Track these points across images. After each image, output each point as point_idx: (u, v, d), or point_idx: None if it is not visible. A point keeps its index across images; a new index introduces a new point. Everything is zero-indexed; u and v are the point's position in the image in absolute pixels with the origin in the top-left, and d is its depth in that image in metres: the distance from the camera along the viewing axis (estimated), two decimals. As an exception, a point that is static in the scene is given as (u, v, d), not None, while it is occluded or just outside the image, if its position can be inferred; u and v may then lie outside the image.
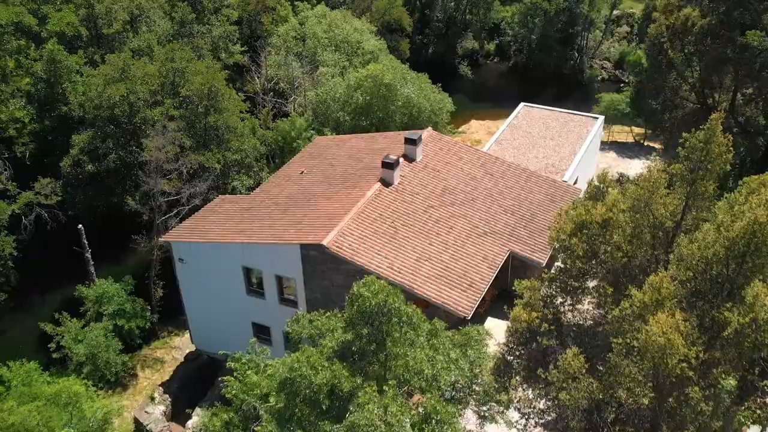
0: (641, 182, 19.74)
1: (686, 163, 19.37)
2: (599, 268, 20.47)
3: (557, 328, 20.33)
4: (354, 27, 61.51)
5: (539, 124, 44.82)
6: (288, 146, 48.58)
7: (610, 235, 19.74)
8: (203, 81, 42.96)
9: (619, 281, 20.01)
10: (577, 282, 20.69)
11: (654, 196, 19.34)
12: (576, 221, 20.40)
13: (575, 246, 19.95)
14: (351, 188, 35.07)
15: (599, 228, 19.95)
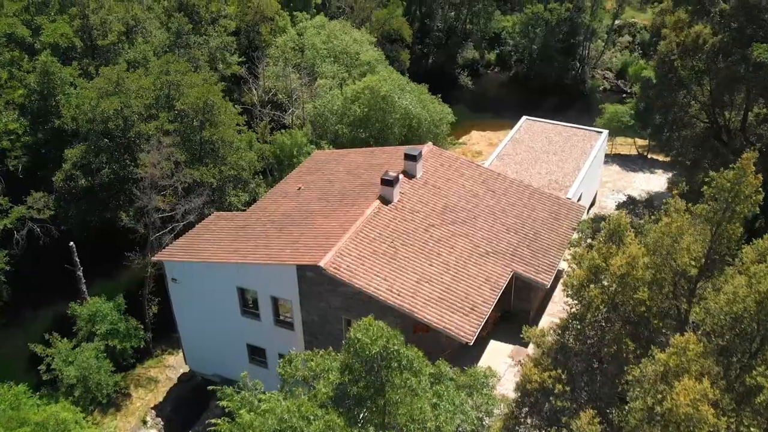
0: (664, 228, 18.23)
1: (712, 204, 18.09)
2: (616, 317, 18.96)
3: (571, 387, 18.78)
4: (353, 38, 60.74)
5: (542, 138, 43.91)
6: (287, 160, 47.64)
7: (631, 289, 18.22)
8: (199, 94, 42.06)
9: (638, 331, 18.61)
10: (592, 331, 19.20)
11: (677, 244, 17.89)
12: (592, 268, 19.00)
13: (592, 296, 18.52)
14: (349, 206, 34.12)
15: (618, 280, 18.54)
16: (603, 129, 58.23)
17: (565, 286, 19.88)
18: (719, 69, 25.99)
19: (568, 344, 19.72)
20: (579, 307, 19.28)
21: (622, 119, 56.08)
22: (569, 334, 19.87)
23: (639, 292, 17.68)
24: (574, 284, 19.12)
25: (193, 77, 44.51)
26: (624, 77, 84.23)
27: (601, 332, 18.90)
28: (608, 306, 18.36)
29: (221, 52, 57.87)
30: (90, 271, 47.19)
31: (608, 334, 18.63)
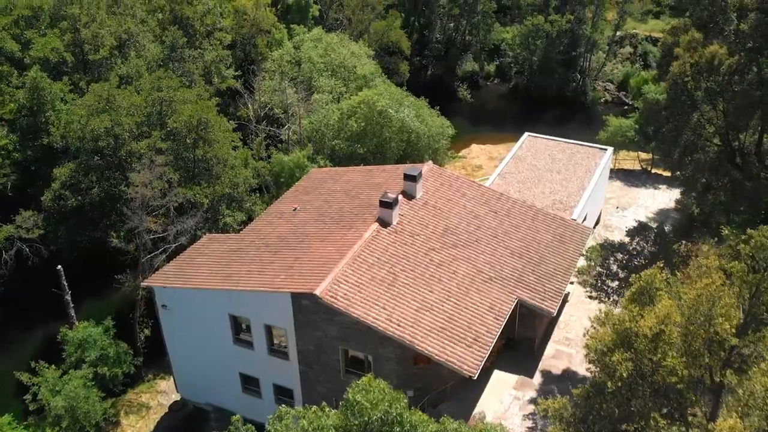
0: (700, 289, 16.54)
1: (750, 263, 16.55)
2: (645, 387, 17.27)
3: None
4: (351, 51, 59.63)
5: (545, 155, 42.71)
6: (286, 179, 46.36)
7: (662, 354, 16.60)
8: (192, 111, 40.85)
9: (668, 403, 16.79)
10: (618, 409, 17.41)
11: (715, 307, 16.26)
12: (618, 331, 17.32)
13: (618, 365, 16.73)
14: (347, 228, 32.86)
15: (648, 343, 16.84)
16: (606, 143, 57.43)
17: (588, 349, 18.15)
18: (735, 91, 24.80)
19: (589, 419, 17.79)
20: (601, 375, 17.51)
21: (627, 134, 54.94)
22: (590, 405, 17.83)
23: (671, 358, 16.11)
24: (598, 348, 17.31)
25: (186, 93, 43.33)
26: (625, 89, 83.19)
27: (627, 405, 17.06)
28: (635, 374, 16.69)
29: (216, 66, 56.76)
30: (81, 290, 45.87)
31: (635, 406, 16.96)
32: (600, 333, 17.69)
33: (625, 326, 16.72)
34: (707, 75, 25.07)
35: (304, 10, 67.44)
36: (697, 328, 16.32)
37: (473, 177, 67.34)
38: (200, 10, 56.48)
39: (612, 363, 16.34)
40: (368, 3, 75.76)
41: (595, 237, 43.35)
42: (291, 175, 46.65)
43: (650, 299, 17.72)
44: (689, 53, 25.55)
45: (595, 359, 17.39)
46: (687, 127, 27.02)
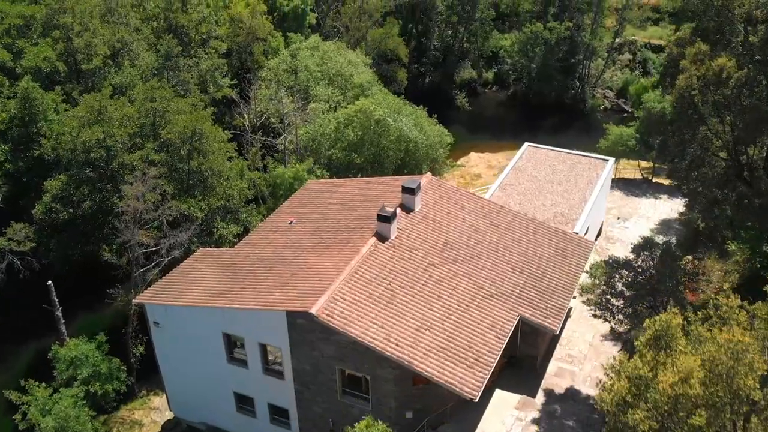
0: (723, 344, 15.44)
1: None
2: None
3: None
4: (348, 60, 58.92)
5: (545, 166, 41.96)
6: (285, 192, 45.57)
7: (685, 414, 15.48)
8: (186, 122, 40.07)
9: None
10: None
11: (738, 363, 15.47)
12: (633, 379, 16.15)
13: (639, 424, 15.47)
14: (344, 243, 32.06)
15: (669, 401, 15.78)
16: (607, 152, 56.77)
17: (601, 402, 17.10)
18: (743, 105, 24.07)
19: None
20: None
21: (628, 143, 54.26)
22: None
23: (696, 417, 15.12)
24: (613, 401, 16.32)
25: (180, 103, 42.55)
26: (625, 96, 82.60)
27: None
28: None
29: (212, 75, 56.02)
30: (74, 303, 45.11)
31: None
32: (616, 387, 16.58)
33: (641, 375, 15.70)
34: (715, 88, 24.33)
35: (301, 18, 66.79)
36: (719, 382, 15.28)
37: (472, 186, 66.68)
38: (195, 18, 55.81)
39: (633, 423, 15.19)
40: (366, 10, 75.17)
41: (597, 249, 42.61)
42: (289, 188, 45.88)
43: (667, 345, 16.74)
44: (696, 66, 24.81)
45: (610, 416, 16.27)
46: (693, 141, 26.27)
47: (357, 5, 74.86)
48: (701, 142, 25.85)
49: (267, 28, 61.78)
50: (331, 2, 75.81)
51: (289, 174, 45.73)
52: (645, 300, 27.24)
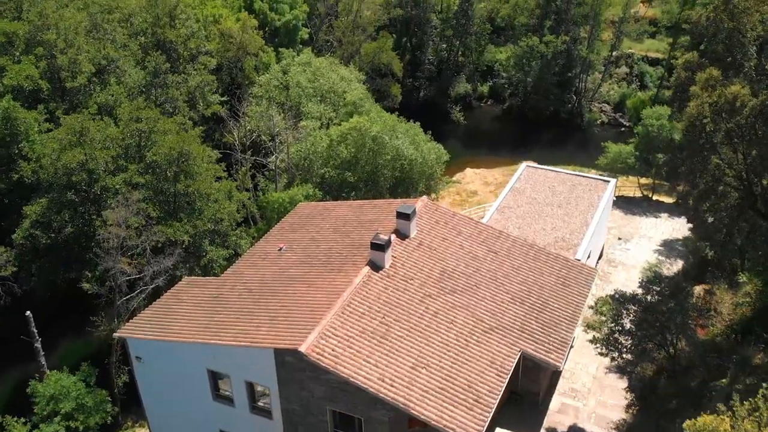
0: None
1: None
2: None
3: None
4: (341, 76, 57.59)
5: (545, 188, 40.58)
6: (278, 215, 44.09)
7: None
8: (172, 143, 38.57)
9: None
10: None
11: None
12: None
13: None
14: (335, 272, 30.52)
15: None
16: (605, 169, 55.56)
17: None
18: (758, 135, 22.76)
19: None
20: None
21: (627, 160, 52.99)
22: None
23: None
24: None
25: (167, 123, 41.06)
26: (622, 110, 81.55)
27: None
28: None
29: (201, 92, 54.59)
30: (56, 331, 43.58)
31: None
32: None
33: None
34: (728, 117, 23.01)
35: (293, 33, 65.55)
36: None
37: (468, 203, 65.33)
38: (184, 33, 54.43)
39: None
40: (359, 24, 74.04)
41: (599, 273, 41.19)
42: (283, 210, 44.39)
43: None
44: (707, 92, 23.48)
45: None
46: (705, 171, 24.91)
47: (350, 19, 73.75)
48: (713, 172, 24.52)
49: (258, 43, 60.52)
50: (323, 16, 74.62)
51: (284, 197, 44.19)
52: (654, 339, 25.83)
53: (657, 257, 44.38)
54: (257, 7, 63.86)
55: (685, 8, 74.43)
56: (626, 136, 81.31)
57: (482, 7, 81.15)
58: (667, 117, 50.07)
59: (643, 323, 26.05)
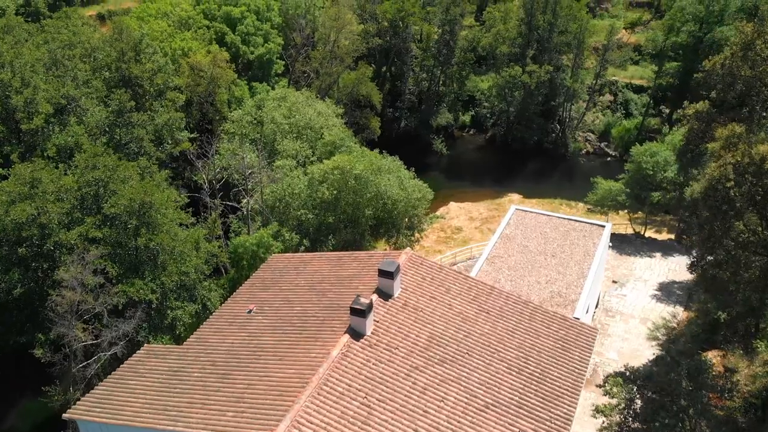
0: None
1: None
2: None
3: None
4: (317, 111, 54.82)
5: (536, 234, 37.89)
6: (249, 262, 41.01)
7: None
8: (133, 193, 35.41)
9: None
10: None
11: None
12: None
13: None
14: (311, 340, 27.42)
15: None
16: (595, 206, 53.15)
17: None
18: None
19: None
20: None
21: (618, 198, 50.64)
22: None
23: None
24: None
25: (128, 170, 37.94)
26: (608, 139, 79.67)
27: None
28: None
29: (169, 129, 51.51)
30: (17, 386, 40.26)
31: None
32: None
33: None
34: (754, 179, 20.57)
35: (267, 66, 62.85)
36: None
37: (453, 240, 62.62)
38: (150, 68, 51.44)
39: None
40: (337, 55, 71.52)
41: (596, 324, 38.51)
42: (253, 256, 41.32)
43: None
44: (731, 153, 21.03)
45: None
46: (726, 237, 22.40)
47: (328, 50, 71.21)
48: (736, 239, 22.02)
49: (230, 77, 57.69)
50: (300, 47, 72.03)
51: (251, 241, 41.19)
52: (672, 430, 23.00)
53: (655, 303, 41.86)
54: (229, 40, 61.14)
55: (670, 35, 72.84)
56: (613, 166, 79.59)
57: (464, 36, 79.12)
58: (661, 155, 47.95)
59: (660, 410, 23.23)
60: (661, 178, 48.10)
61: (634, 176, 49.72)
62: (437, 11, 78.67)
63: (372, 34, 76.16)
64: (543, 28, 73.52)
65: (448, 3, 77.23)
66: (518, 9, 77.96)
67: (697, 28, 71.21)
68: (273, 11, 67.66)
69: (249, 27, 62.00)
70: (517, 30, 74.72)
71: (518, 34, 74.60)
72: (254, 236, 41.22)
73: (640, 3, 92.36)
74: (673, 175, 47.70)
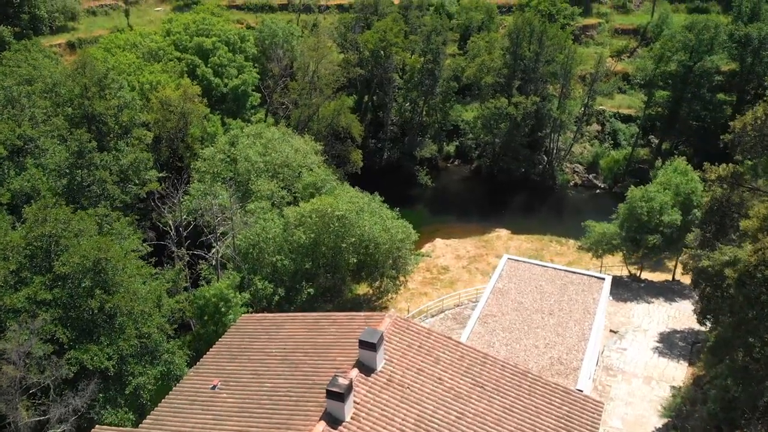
0: None
1: None
2: None
3: None
4: (295, 148, 51.73)
5: (531, 288, 34.89)
6: (212, 317, 37.61)
7: None
8: (88, 249, 31.99)
9: None
10: None
11: None
12: None
13: None
14: (282, 428, 24.07)
15: None
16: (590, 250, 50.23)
17: None
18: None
19: None
20: None
21: (613, 242, 47.92)
22: None
23: None
24: None
25: (82, 223, 34.47)
26: (596, 170, 77.29)
27: None
28: None
29: (135, 169, 48.11)
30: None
31: None
32: None
33: None
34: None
35: (242, 99, 59.83)
36: None
37: (440, 281, 59.43)
38: (115, 104, 48.12)
39: None
40: (316, 86, 68.68)
41: (597, 387, 35.46)
42: (216, 311, 37.86)
43: None
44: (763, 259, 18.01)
45: None
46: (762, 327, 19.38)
47: (307, 80, 68.35)
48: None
49: (202, 111, 54.50)
50: (278, 77, 69.10)
51: (211, 292, 37.72)
52: None
53: (658, 357, 38.99)
54: (200, 73, 58.05)
55: (660, 65, 70.88)
56: (602, 198, 77.21)
57: (447, 64, 76.63)
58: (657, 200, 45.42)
59: None
60: (657, 222, 45.56)
61: (628, 218, 47.08)
62: (419, 39, 76.30)
63: (353, 64, 73.53)
64: (529, 57, 71.29)
65: (429, 31, 74.90)
66: (503, 38, 75.80)
67: (688, 57, 69.33)
68: (248, 42, 64.81)
69: (221, 58, 58.99)
70: (502, 60, 72.43)
71: (503, 64, 72.30)
72: (213, 287, 37.82)
73: (626, 30, 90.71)
74: (669, 219, 45.21)
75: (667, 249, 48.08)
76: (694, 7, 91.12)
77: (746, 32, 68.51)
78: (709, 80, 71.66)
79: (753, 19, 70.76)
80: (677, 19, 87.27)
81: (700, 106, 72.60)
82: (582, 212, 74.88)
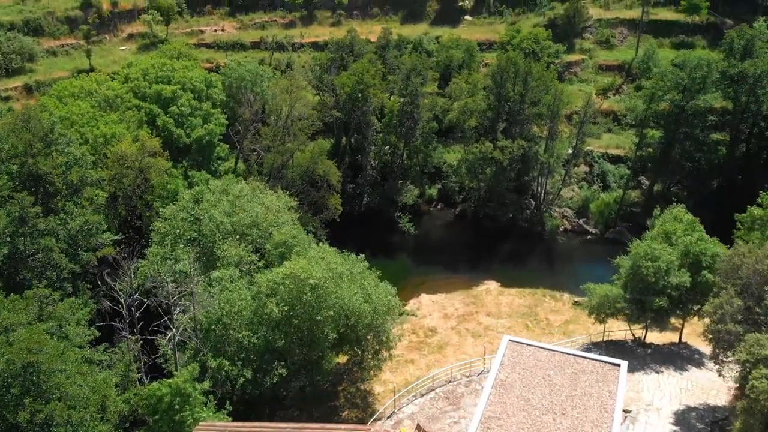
0: None
1: None
2: None
3: None
4: (266, 205, 46.92)
5: (538, 379, 30.24)
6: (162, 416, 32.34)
7: None
8: (18, 351, 26.86)
9: None
10: None
11: None
12: None
13: None
14: None
15: None
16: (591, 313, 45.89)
17: None
18: None
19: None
20: None
21: (616, 305, 43.61)
22: None
23: None
24: None
25: (15, 312, 29.38)
26: (586, 214, 73.35)
27: None
28: None
29: (85, 235, 42.98)
30: None
31: None
32: None
33: None
34: None
35: (207, 150, 55.02)
36: None
37: (427, 345, 54.39)
38: (62, 162, 43.12)
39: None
40: (290, 131, 64.21)
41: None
42: (170, 409, 32.47)
43: None
44: None
45: None
46: None
47: (280, 125, 63.89)
48: None
49: (163, 165, 49.58)
50: (249, 122, 64.52)
51: (163, 391, 32.30)
52: None
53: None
54: (161, 123, 53.25)
55: (651, 105, 67.56)
56: (594, 244, 73.17)
57: (426, 103, 72.55)
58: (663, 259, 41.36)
59: None
60: (664, 284, 41.42)
61: (632, 278, 42.86)
62: (397, 79, 72.41)
63: (329, 107, 69.31)
64: (513, 99, 67.61)
65: (408, 71, 71.07)
66: (485, 78, 72.17)
67: (680, 96, 66.11)
68: (215, 88, 60.27)
69: (183, 108, 54.28)
70: (486, 101, 68.66)
71: (487, 105, 68.52)
72: (166, 383, 32.53)
73: (610, 66, 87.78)
74: (678, 281, 41.12)
75: (674, 312, 43.96)
76: (679, 42, 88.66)
77: (741, 70, 65.49)
78: (702, 120, 68.54)
79: (746, 56, 67.88)
80: (663, 54, 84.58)
81: (694, 147, 69.34)
82: (574, 260, 70.95)
